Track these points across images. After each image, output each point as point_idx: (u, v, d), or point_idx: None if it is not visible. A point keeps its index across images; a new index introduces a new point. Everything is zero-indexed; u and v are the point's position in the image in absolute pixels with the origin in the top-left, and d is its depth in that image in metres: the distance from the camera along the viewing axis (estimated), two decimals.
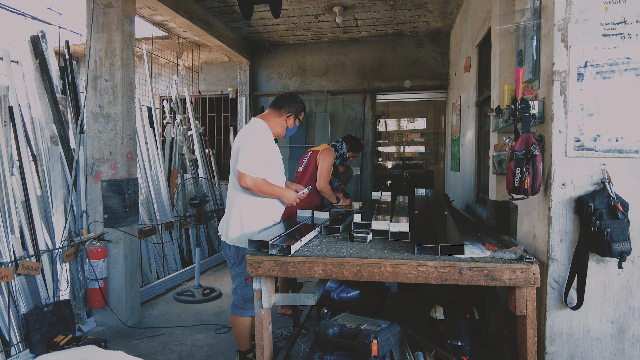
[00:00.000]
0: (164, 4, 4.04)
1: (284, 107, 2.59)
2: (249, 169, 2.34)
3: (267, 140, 2.46)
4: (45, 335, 2.88)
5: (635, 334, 1.85)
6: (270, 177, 2.49)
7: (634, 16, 1.79)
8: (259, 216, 2.50)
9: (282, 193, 2.52)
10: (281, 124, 2.61)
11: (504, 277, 1.81)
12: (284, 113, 2.60)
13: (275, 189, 2.49)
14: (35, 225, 3.07)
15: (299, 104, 2.65)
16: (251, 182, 2.35)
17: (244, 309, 2.54)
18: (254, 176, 2.36)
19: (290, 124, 2.63)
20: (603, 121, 1.82)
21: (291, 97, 2.63)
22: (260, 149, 2.41)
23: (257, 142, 2.40)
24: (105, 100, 3.39)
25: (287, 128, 2.64)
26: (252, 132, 2.44)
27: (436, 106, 7.74)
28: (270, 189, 2.46)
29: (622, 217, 1.73)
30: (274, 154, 2.53)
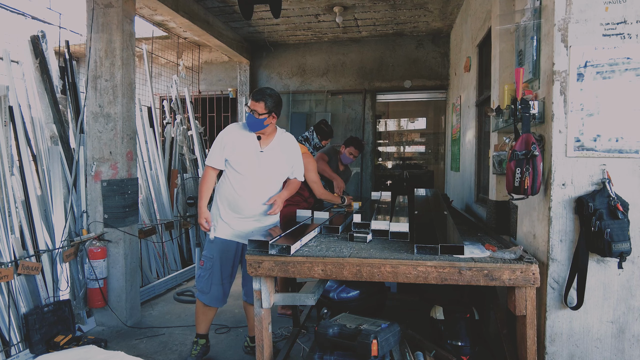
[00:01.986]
0: (164, 4, 4.04)
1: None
2: (207, 159, 2.68)
3: (223, 133, 2.66)
4: (45, 335, 2.88)
5: (635, 334, 1.85)
6: (233, 175, 2.62)
7: (634, 16, 1.79)
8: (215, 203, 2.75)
9: (200, 206, 2.66)
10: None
11: (503, 277, 1.81)
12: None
13: (200, 194, 2.66)
14: (35, 225, 3.07)
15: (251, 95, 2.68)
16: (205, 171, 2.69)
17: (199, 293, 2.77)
18: (207, 165, 2.66)
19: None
20: (603, 121, 1.81)
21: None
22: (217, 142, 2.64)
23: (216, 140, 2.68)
24: (105, 100, 3.39)
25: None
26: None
27: (436, 106, 7.74)
28: (199, 187, 2.71)
29: (622, 217, 1.72)
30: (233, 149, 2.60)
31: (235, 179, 2.60)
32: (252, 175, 2.59)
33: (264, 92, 2.55)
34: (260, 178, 2.61)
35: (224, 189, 2.65)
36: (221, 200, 2.67)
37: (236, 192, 2.60)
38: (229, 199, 2.63)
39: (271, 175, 2.65)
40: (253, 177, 2.59)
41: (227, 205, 2.65)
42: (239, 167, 2.59)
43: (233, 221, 2.66)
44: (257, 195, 2.62)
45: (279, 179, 2.71)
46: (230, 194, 2.62)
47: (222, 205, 2.67)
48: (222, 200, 2.67)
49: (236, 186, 2.61)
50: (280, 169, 2.67)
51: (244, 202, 2.61)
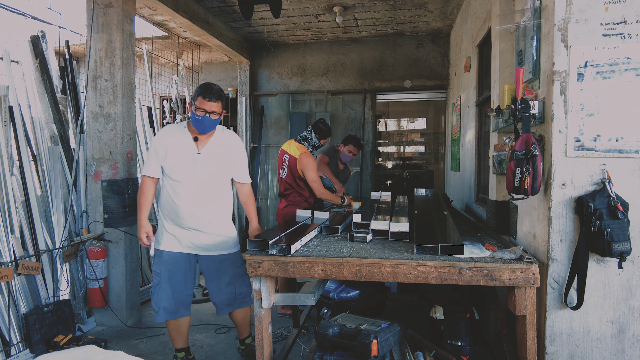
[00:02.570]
0: (164, 4, 4.04)
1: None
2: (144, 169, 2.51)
3: (156, 139, 2.48)
4: (45, 335, 2.88)
5: (635, 334, 1.85)
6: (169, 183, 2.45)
7: (634, 16, 1.79)
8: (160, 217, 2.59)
9: (139, 219, 2.51)
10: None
11: (503, 277, 1.81)
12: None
13: (139, 206, 2.52)
14: (35, 225, 3.07)
15: (197, 90, 2.36)
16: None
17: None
18: (144, 174, 2.48)
19: (191, 112, 2.38)
20: (603, 121, 1.81)
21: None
22: (150, 150, 2.49)
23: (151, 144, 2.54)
24: (105, 100, 3.39)
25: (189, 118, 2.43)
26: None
27: (436, 106, 7.74)
28: (138, 199, 2.54)
29: (622, 217, 1.72)
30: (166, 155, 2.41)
31: (172, 186, 2.43)
32: (189, 181, 2.40)
33: (218, 91, 2.35)
34: (199, 184, 2.42)
35: (163, 199, 2.50)
36: (162, 211, 2.53)
37: (174, 201, 2.43)
38: (168, 209, 2.47)
39: (211, 179, 2.46)
40: (190, 183, 2.41)
41: (168, 216, 2.50)
42: (174, 174, 2.40)
43: (178, 232, 2.50)
44: (198, 204, 2.43)
45: (222, 183, 2.53)
46: (169, 203, 2.46)
47: (164, 216, 2.52)
48: (163, 210, 2.52)
49: (173, 195, 2.43)
50: (222, 171, 2.50)
51: (184, 212, 2.43)
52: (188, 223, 2.46)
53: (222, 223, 2.56)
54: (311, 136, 3.60)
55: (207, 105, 2.29)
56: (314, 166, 3.42)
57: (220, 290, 2.64)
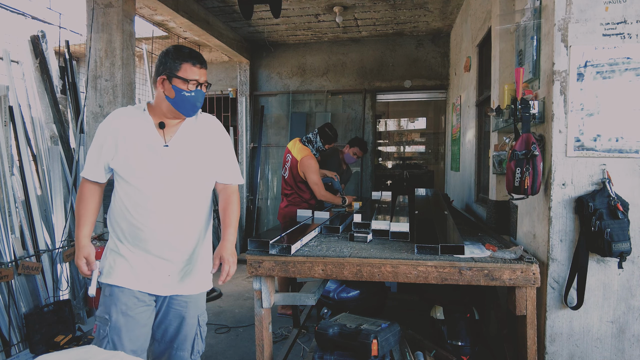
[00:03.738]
0: (164, 4, 4.04)
1: (155, 71, 1.72)
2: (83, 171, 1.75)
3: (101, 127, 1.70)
4: (45, 335, 2.88)
5: (636, 333, 1.85)
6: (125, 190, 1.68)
7: (634, 16, 1.79)
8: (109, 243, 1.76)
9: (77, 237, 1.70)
10: (160, 95, 1.69)
11: (504, 277, 1.81)
12: (156, 80, 1.69)
13: (77, 219, 1.72)
14: (36, 225, 3.07)
15: (170, 55, 1.65)
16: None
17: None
18: (83, 177, 1.74)
19: (166, 89, 1.65)
20: (603, 121, 1.82)
21: (161, 53, 1.70)
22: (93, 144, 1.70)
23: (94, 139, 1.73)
24: (105, 100, 3.39)
25: (167, 99, 1.66)
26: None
27: (436, 106, 7.73)
28: (75, 209, 1.75)
29: (622, 217, 1.73)
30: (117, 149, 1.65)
31: (129, 194, 1.66)
32: (153, 186, 1.64)
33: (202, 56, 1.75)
34: (169, 189, 1.66)
35: (115, 211, 1.73)
36: (113, 228, 1.74)
37: (132, 215, 1.66)
38: (124, 226, 1.69)
39: (187, 182, 1.70)
40: (156, 189, 1.65)
41: (122, 236, 1.70)
42: (131, 176, 1.64)
43: (138, 260, 1.68)
44: (168, 219, 1.67)
45: (201, 188, 1.76)
46: (124, 218, 1.68)
47: (116, 235, 1.72)
48: (115, 227, 1.72)
49: (131, 206, 1.66)
50: (201, 170, 1.73)
51: (148, 232, 1.66)
52: (154, 248, 1.67)
53: (202, 250, 1.80)
54: (316, 140, 3.62)
55: (198, 73, 1.68)
56: (315, 168, 3.42)
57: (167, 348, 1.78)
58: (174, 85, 1.64)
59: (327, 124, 3.72)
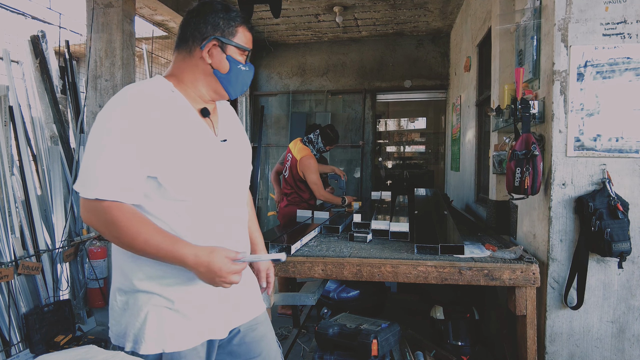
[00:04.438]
0: (164, 4, 4.04)
1: (190, 33, 1.18)
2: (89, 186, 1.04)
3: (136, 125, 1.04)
4: (45, 335, 2.88)
5: (636, 333, 1.85)
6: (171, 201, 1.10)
7: (634, 16, 1.79)
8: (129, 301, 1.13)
9: (184, 255, 1.05)
10: (200, 69, 1.19)
11: (503, 277, 1.81)
12: (194, 45, 1.18)
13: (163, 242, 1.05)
14: (36, 225, 3.07)
15: (221, 13, 1.18)
16: (97, 217, 1.05)
17: None
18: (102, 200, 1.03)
19: (216, 61, 1.18)
20: (603, 121, 1.82)
21: (200, 8, 1.19)
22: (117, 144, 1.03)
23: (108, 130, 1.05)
24: (105, 100, 3.39)
25: (217, 74, 1.19)
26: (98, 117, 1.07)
27: (436, 106, 7.74)
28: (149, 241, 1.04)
29: (622, 217, 1.72)
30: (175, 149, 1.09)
31: (180, 216, 1.12)
32: (217, 198, 1.18)
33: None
34: (234, 199, 1.25)
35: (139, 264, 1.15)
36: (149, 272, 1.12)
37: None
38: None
39: (246, 186, 1.35)
40: (220, 202, 1.20)
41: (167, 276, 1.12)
42: (185, 189, 1.11)
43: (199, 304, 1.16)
44: (237, 238, 1.26)
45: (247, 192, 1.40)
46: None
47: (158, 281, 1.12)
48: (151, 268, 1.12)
49: (185, 231, 1.11)
50: (249, 168, 1.36)
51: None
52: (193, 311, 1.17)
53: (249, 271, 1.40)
54: (317, 140, 3.62)
55: (248, 37, 1.23)
56: (315, 168, 3.42)
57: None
58: (228, 55, 1.19)
59: (329, 125, 3.71)
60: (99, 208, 1.03)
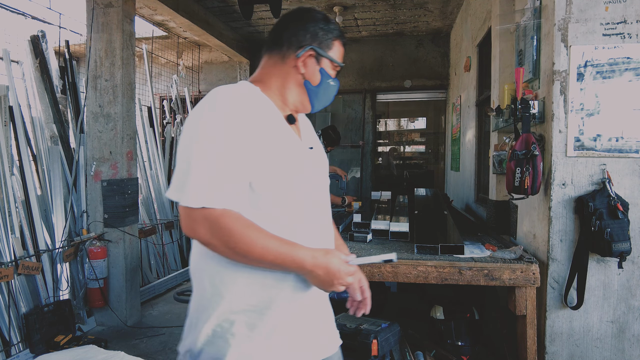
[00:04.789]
0: (164, 4, 4.03)
1: (287, 39, 1.14)
2: (194, 193, 0.95)
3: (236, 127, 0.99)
4: (45, 335, 2.88)
5: (636, 333, 1.85)
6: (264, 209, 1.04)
7: (634, 16, 1.79)
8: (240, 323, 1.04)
9: (303, 257, 1.01)
10: (292, 78, 1.15)
11: (503, 277, 1.81)
12: (289, 51, 1.13)
13: (281, 246, 1.00)
14: (36, 225, 3.07)
15: (321, 24, 1.14)
16: (208, 227, 0.96)
17: None
18: (212, 208, 0.95)
19: (310, 72, 1.14)
20: (603, 121, 1.81)
21: (300, 15, 1.16)
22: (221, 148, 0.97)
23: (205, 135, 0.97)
24: (105, 100, 3.39)
25: (307, 86, 1.15)
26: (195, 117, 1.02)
27: (436, 106, 7.73)
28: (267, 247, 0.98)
29: (622, 217, 1.72)
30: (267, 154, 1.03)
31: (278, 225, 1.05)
32: (309, 208, 1.14)
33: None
34: (322, 209, 1.21)
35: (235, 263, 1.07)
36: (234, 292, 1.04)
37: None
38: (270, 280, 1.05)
39: (328, 196, 1.28)
40: (313, 213, 1.15)
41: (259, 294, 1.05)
42: (281, 198, 1.06)
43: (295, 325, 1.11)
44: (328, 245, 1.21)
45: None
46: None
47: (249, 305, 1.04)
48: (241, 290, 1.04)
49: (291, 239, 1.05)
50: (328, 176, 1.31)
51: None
52: (315, 294, 1.16)
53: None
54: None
55: (342, 56, 1.21)
56: None
57: None
58: (322, 67, 1.15)
59: (331, 126, 3.69)
60: (209, 217, 0.95)
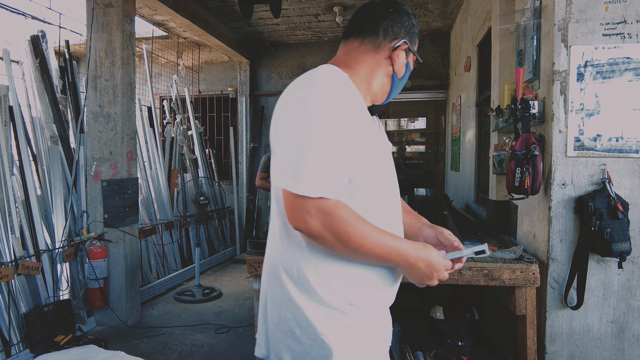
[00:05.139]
0: (164, 4, 4.03)
1: (384, 28, 1.09)
2: (311, 182, 0.90)
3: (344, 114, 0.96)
4: (45, 335, 2.88)
5: (636, 333, 1.85)
6: (361, 201, 1.01)
7: (634, 16, 1.79)
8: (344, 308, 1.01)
9: (407, 250, 1.00)
10: (382, 68, 1.11)
11: (503, 277, 1.81)
12: (384, 42, 1.10)
13: (388, 239, 0.98)
14: (36, 225, 3.07)
15: (412, 19, 1.13)
16: (322, 219, 0.91)
17: None
18: (327, 198, 0.92)
19: (399, 64, 1.12)
20: (603, 121, 1.81)
21: (396, 6, 1.11)
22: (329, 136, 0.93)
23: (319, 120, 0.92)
24: (105, 100, 3.39)
25: (394, 78, 1.13)
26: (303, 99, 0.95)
27: (436, 106, 7.73)
28: (377, 240, 0.96)
29: (622, 217, 1.72)
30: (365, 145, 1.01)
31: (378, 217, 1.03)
32: (395, 199, 1.15)
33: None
34: (399, 201, 1.21)
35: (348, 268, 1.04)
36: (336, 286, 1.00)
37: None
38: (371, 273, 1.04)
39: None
40: (397, 203, 1.17)
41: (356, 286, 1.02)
42: (378, 187, 1.06)
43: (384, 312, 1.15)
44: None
45: None
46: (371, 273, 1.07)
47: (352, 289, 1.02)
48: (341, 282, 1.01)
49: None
50: None
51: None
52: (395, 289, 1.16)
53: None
54: None
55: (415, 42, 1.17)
56: None
57: None
58: (408, 62, 1.14)
59: None
60: (323, 208, 0.91)
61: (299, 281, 1.00)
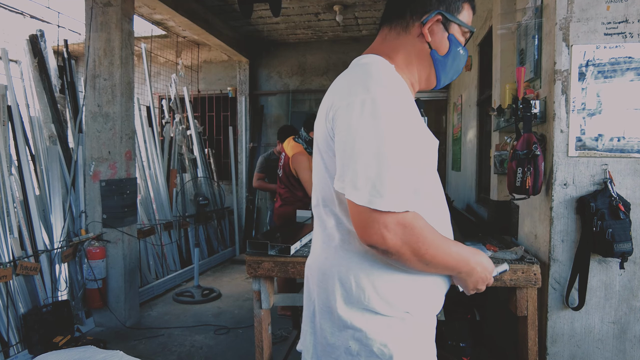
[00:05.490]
0: (163, 3, 4.02)
1: (408, 5, 1.04)
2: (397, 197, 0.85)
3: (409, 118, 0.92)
4: (43, 335, 2.87)
5: (637, 334, 1.84)
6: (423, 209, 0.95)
7: (636, 15, 1.77)
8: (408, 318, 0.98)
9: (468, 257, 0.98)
10: (417, 49, 1.03)
11: (504, 277, 1.80)
12: (413, 19, 1.02)
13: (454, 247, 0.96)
14: (34, 225, 3.06)
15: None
16: (401, 233, 0.86)
17: None
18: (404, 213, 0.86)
19: (437, 40, 1.02)
20: (605, 121, 1.80)
21: None
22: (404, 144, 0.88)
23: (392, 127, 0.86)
24: (104, 100, 3.38)
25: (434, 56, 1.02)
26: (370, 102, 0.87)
27: (437, 106, 7.73)
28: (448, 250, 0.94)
29: (624, 217, 1.71)
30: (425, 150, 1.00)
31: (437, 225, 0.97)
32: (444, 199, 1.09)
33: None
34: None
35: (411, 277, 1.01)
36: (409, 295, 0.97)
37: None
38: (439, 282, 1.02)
39: None
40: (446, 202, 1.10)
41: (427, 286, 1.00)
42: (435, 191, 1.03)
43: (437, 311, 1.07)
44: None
45: None
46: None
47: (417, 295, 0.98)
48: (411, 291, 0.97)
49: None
50: None
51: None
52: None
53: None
54: (301, 132, 3.47)
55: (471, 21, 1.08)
56: (306, 165, 3.30)
57: None
58: (451, 34, 1.01)
59: (310, 114, 3.64)
60: (403, 222, 0.85)
61: (356, 292, 0.96)
